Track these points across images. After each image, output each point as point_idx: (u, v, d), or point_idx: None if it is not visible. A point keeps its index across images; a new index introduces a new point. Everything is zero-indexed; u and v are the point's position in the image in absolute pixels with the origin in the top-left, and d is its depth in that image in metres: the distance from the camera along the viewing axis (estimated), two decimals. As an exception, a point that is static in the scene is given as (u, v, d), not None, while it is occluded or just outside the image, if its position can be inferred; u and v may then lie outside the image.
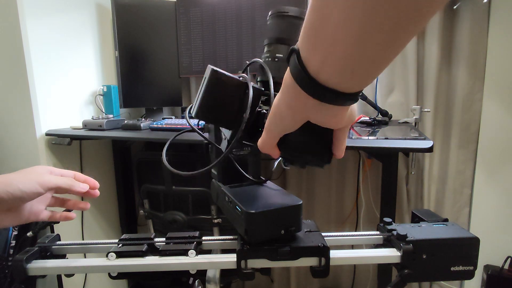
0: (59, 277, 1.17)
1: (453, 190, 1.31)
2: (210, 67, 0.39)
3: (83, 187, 0.51)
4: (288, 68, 0.27)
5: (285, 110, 0.30)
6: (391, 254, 0.46)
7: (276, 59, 0.43)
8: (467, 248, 0.45)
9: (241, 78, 0.41)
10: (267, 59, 0.44)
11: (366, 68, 0.23)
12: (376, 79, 1.25)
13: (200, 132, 0.49)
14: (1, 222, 0.46)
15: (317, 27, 0.23)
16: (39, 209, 0.50)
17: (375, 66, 0.23)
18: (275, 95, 0.33)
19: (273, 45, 0.44)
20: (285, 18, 0.42)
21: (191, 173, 0.43)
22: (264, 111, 0.42)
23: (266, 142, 0.34)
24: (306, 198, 1.51)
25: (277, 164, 0.50)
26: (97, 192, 0.54)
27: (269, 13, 0.43)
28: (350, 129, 0.99)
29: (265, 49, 0.45)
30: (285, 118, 0.30)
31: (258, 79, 0.46)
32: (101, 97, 1.38)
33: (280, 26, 0.43)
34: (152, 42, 1.41)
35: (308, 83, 0.25)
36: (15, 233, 1.13)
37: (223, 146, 0.50)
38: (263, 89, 0.42)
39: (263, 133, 0.34)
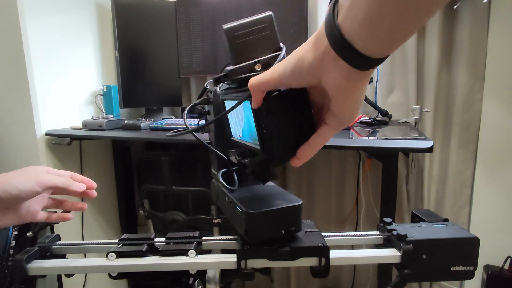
0: (59, 277, 1.17)
1: (453, 190, 1.31)
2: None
3: (80, 187, 0.51)
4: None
5: (303, 55, 0.29)
6: (391, 254, 0.46)
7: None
8: (467, 248, 0.45)
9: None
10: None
11: (384, 26, 0.23)
12: (376, 79, 1.25)
13: (195, 134, 0.49)
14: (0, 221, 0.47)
15: None
16: (36, 209, 0.51)
17: (393, 29, 0.23)
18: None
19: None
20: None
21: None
22: None
23: (262, 79, 0.31)
24: (306, 198, 1.50)
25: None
26: (94, 193, 0.54)
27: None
28: (350, 129, 0.99)
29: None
30: (298, 67, 0.29)
31: None
32: (101, 97, 1.38)
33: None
34: (152, 42, 1.41)
35: (332, 29, 0.25)
36: (15, 233, 1.13)
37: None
38: None
39: (265, 71, 0.32)
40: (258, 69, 0.39)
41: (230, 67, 0.40)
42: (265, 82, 0.31)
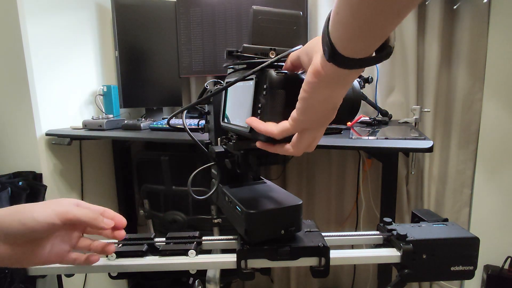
0: (59, 277, 1.17)
1: (453, 190, 1.31)
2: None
3: (108, 223, 0.43)
4: None
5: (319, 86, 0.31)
6: (391, 254, 0.46)
7: None
8: (467, 248, 0.45)
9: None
10: None
11: (346, 15, 0.24)
12: (376, 79, 1.25)
13: (190, 132, 0.49)
14: (15, 260, 0.39)
15: None
16: (62, 249, 0.43)
17: (353, 19, 0.24)
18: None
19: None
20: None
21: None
22: None
23: (304, 140, 0.35)
24: (306, 198, 1.50)
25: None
26: (123, 233, 0.45)
27: None
28: (350, 129, 0.99)
29: None
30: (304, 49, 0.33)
31: None
32: (101, 97, 1.38)
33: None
34: (152, 42, 1.41)
35: (325, 26, 0.28)
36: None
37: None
38: None
39: (291, 119, 0.34)
40: (272, 56, 0.39)
41: (247, 44, 0.40)
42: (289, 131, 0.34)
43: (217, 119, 0.52)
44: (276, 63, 0.36)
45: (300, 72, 0.37)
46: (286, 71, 0.36)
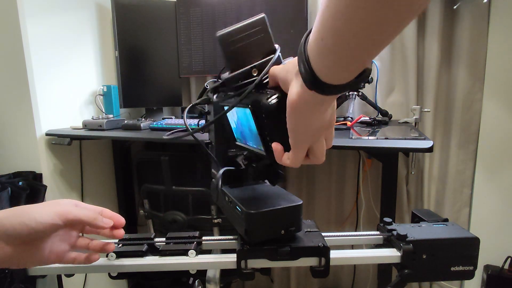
0: (59, 277, 1.17)
1: (453, 190, 1.31)
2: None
3: (107, 222, 0.44)
4: None
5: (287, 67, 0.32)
6: (391, 254, 0.46)
7: None
8: (467, 248, 0.45)
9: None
10: None
11: (332, 42, 0.23)
12: (376, 79, 1.25)
13: (194, 135, 0.49)
14: (16, 260, 0.40)
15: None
16: (61, 249, 0.43)
17: (341, 46, 0.23)
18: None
19: None
20: None
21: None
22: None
23: (298, 156, 0.35)
24: (306, 198, 1.50)
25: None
26: (122, 232, 0.46)
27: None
28: (350, 129, 0.99)
29: None
30: (283, 76, 0.33)
31: None
32: (101, 97, 1.38)
33: None
34: (152, 42, 1.41)
35: (301, 48, 0.28)
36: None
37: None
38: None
39: (292, 152, 0.34)
40: (255, 74, 0.39)
41: (227, 75, 0.40)
42: (299, 159, 0.36)
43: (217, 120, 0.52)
44: (262, 82, 0.37)
45: None
46: (276, 94, 0.35)
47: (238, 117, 0.43)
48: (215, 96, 0.46)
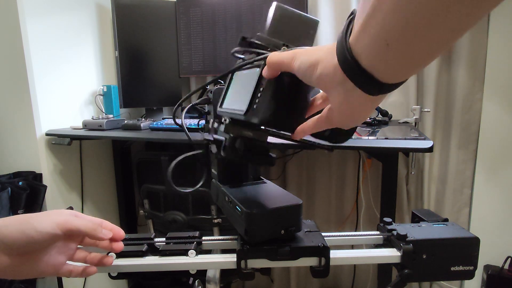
0: (59, 277, 1.17)
1: (453, 190, 1.31)
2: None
3: (106, 234, 0.44)
4: None
5: (315, 63, 0.28)
6: (391, 254, 0.46)
7: None
8: (467, 248, 0.45)
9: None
10: None
11: (402, 46, 0.20)
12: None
13: (187, 132, 0.49)
14: (12, 271, 0.39)
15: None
16: (59, 261, 0.42)
17: (412, 48, 0.20)
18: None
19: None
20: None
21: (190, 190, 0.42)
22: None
23: (283, 60, 0.32)
24: (306, 198, 1.50)
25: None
26: (121, 245, 0.45)
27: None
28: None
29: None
30: (308, 74, 0.29)
31: None
32: (101, 97, 1.38)
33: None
34: (152, 42, 1.41)
35: (343, 48, 0.24)
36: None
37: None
38: None
39: (287, 52, 0.32)
40: (281, 50, 0.40)
41: (261, 34, 0.41)
42: (284, 64, 0.32)
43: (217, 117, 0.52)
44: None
45: None
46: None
47: (239, 81, 0.43)
48: (235, 51, 0.45)
